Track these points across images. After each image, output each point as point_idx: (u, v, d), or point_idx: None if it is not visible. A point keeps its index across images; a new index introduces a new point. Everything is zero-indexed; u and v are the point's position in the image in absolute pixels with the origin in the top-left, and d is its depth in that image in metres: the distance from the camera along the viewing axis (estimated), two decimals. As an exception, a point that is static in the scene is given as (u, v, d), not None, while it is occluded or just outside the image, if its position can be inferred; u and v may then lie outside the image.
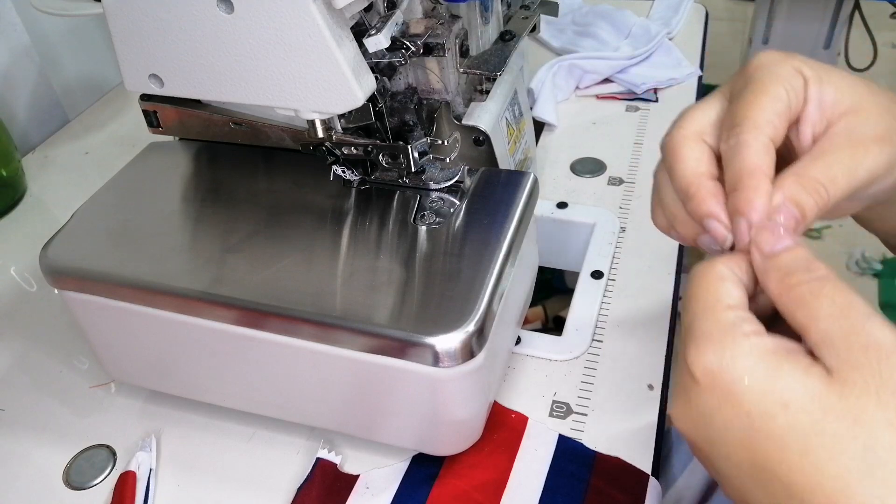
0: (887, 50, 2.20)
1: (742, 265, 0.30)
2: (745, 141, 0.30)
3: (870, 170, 0.31)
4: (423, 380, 0.39)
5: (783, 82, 0.31)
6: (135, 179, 0.51)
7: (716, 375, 0.26)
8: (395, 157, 0.46)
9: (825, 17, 1.12)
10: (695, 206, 0.31)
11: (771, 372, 0.26)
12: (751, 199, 0.29)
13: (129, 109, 0.87)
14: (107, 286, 0.43)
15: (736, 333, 0.27)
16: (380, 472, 0.45)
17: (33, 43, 0.81)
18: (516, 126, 0.57)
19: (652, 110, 0.78)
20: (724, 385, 0.26)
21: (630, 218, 0.63)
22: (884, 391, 0.24)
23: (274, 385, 0.45)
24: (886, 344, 0.25)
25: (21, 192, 0.74)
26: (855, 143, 0.31)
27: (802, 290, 0.27)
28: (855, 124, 0.31)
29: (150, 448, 0.47)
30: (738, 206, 0.30)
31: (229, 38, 0.40)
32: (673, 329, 0.54)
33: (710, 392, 0.27)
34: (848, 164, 0.30)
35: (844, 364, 0.25)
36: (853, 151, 0.31)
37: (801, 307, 0.27)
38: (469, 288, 0.39)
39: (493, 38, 0.53)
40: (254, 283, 0.41)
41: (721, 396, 0.26)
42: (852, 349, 0.25)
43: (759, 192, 0.29)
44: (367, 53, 0.41)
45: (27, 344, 0.57)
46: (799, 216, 0.29)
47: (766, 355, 0.26)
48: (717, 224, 0.31)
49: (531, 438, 0.47)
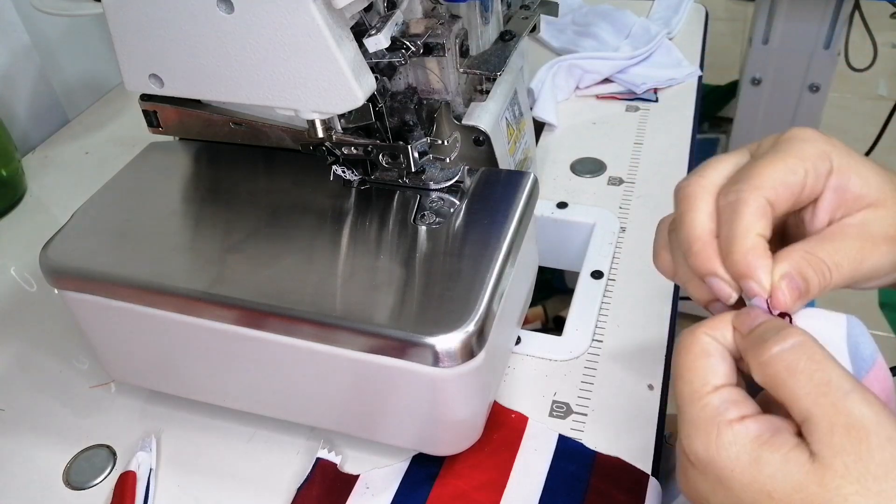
0: (887, 50, 2.20)
1: (729, 328, 0.30)
2: (743, 199, 0.30)
3: (874, 266, 0.31)
4: (422, 380, 0.39)
5: (806, 161, 0.31)
6: (135, 179, 0.51)
7: (706, 464, 0.28)
8: (395, 157, 0.46)
9: (825, 17, 1.12)
10: (698, 262, 0.31)
11: (753, 462, 0.27)
12: (752, 265, 0.30)
13: (129, 109, 0.87)
14: (107, 286, 0.43)
15: (720, 422, 0.28)
16: (380, 472, 0.45)
17: (33, 43, 0.81)
18: (516, 126, 0.57)
19: (652, 110, 0.78)
20: (714, 472, 0.28)
21: (630, 218, 0.63)
22: (865, 477, 0.25)
23: (274, 385, 0.45)
24: (867, 424, 0.25)
25: (21, 192, 0.74)
26: (866, 237, 0.31)
27: (778, 368, 0.28)
28: (871, 220, 0.31)
29: (150, 448, 0.47)
30: (739, 270, 0.30)
31: (229, 38, 0.40)
32: (673, 329, 0.54)
33: (704, 477, 0.28)
34: (855, 255, 0.31)
35: (826, 449, 0.26)
36: (862, 245, 0.31)
37: (779, 387, 0.28)
38: (469, 288, 0.39)
39: (493, 38, 0.53)
40: (254, 283, 0.41)
41: (714, 481, 0.28)
42: (834, 432, 0.26)
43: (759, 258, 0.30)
44: (367, 53, 0.41)
45: (27, 344, 0.57)
46: (803, 289, 0.30)
47: (749, 444, 0.27)
48: (721, 282, 0.31)
49: (531, 438, 0.47)
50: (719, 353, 0.30)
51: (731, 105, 1.57)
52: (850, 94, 2.08)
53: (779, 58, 1.18)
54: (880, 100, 2.09)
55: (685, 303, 0.51)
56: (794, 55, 1.17)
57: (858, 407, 0.26)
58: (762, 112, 1.25)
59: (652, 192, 0.66)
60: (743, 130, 1.28)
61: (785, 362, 0.27)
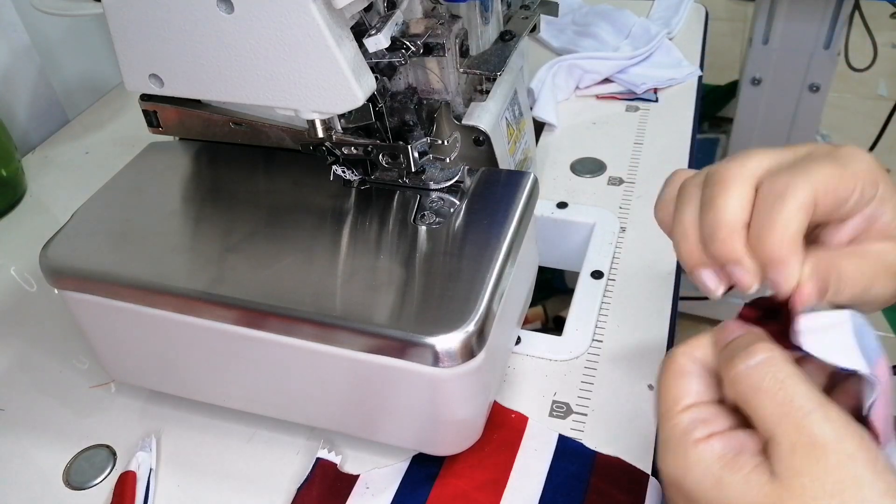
0: (887, 50, 2.20)
1: (709, 346, 0.31)
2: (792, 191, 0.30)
3: (878, 295, 0.32)
4: (422, 380, 0.39)
5: (858, 180, 0.31)
6: (135, 179, 0.51)
7: (677, 483, 0.29)
8: (395, 157, 0.46)
9: (825, 17, 1.12)
10: (725, 248, 0.31)
11: (716, 484, 0.28)
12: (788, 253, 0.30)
13: (129, 109, 0.87)
14: (107, 286, 0.43)
15: (687, 442, 0.29)
16: (380, 472, 0.45)
17: (33, 43, 0.81)
18: (516, 126, 0.57)
19: (652, 110, 0.78)
20: (684, 492, 0.29)
21: (630, 218, 0.63)
22: (822, 496, 0.25)
23: (274, 385, 0.45)
24: (828, 442, 0.26)
25: (21, 192, 0.74)
26: (880, 266, 0.32)
27: (744, 386, 0.28)
28: (889, 251, 0.32)
29: (150, 448, 0.47)
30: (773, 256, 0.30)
31: (229, 38, 0.40)
32: (673, 329, 0.54)
33: (678, 493, 0.29)
34: (867, 280, 0.32)
35: (787, 470, 0.26)
36: (875, 272, 0.32)
37: (746, 404, 0.28)
38: (469, 288, 0.39)
39: (493, 38, 0.53)
40: (254, 283, 0.41)
41: (685, 499, 0.29)
42: (795, 453, 0.26)
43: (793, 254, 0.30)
44: (367, 53, 0.41)
45: (27, 344, 0.57)
46: (822, 293, 0.31)
47: (713, 465, 0.28)
48: (744, 271, 0.31)
49: (531, 438, 0.47)
50: (695, 373, 0.31)
51: (731, 105, 1.57)
52: (850, 94, 2.08)
53: (779, 58, 1.18)
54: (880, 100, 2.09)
55: (685, 303, 0.51)
56: (794, 55, 1.17)
57: (820, 426, 0.26)
58: (762, 112, 1.25)
59: (652, 192, 0.66)
60: (743, 130, 1.28)
61: (750, 380, 0.28)
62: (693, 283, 0.33)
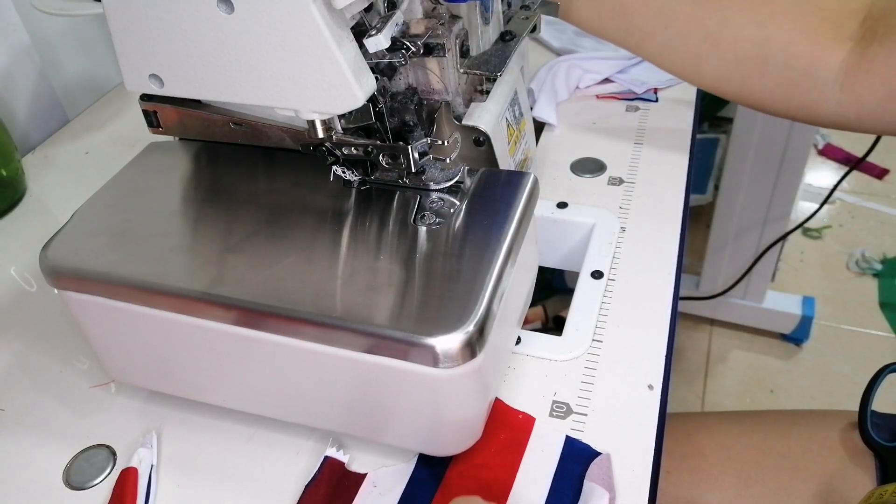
0: (887, 50, 2.19)
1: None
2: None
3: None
4: (422, 380, 0.39)
5: None
6: (135, 179, 0.51)
7: None
8: (396, 157, 0.46)
9: (825, 16, 1.12)
10: None
11: None
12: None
13: (129, 109, 0.87)
14: (107, 286, 0.43)
15: None
16: (387, 471, 0.45)
17: (33, 43, 0.81)
18: (516, 126, 0.57)
19: (652, 110, 0.78)
20: None
21: (630, 218, 0.63)
22: None
23: (274, 386, 0.45)
24: None
25: (21, 192, 0.74)
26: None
27: None
28: None
29: (151, 444, 0.47)
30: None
31: (229, 39, 0.40)
32: (673, 329, 0.54)
33: None
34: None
35: None
36: None
37: None
38: (469, 288, 0.39)
39: (493, 39, 0.53)
40: (254, 283, 0.41)
41: None
42: None
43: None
44: (367, 54, 0.41)
45: (27, 344, 0.57)
46: None
47: None
48: None
49: (538, 439, 0.47)
50: None
51: (731, 105, 1.57)
52: (850, 93, 2.07)
53: (779, 58, 1.18)
54: (880, 100, 2.08)
55: (685, 303, 0.51)
56: (794, 55, 1.17)
57: None
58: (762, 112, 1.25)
59: (652, 192, 0.66)
60: (743, 130, 1.29)
61: None
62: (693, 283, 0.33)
